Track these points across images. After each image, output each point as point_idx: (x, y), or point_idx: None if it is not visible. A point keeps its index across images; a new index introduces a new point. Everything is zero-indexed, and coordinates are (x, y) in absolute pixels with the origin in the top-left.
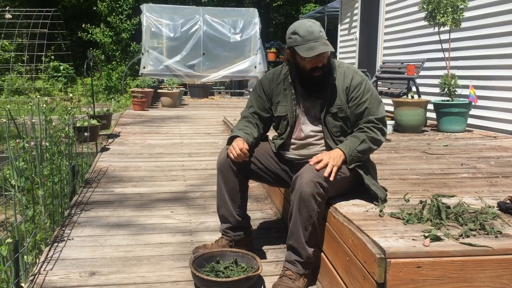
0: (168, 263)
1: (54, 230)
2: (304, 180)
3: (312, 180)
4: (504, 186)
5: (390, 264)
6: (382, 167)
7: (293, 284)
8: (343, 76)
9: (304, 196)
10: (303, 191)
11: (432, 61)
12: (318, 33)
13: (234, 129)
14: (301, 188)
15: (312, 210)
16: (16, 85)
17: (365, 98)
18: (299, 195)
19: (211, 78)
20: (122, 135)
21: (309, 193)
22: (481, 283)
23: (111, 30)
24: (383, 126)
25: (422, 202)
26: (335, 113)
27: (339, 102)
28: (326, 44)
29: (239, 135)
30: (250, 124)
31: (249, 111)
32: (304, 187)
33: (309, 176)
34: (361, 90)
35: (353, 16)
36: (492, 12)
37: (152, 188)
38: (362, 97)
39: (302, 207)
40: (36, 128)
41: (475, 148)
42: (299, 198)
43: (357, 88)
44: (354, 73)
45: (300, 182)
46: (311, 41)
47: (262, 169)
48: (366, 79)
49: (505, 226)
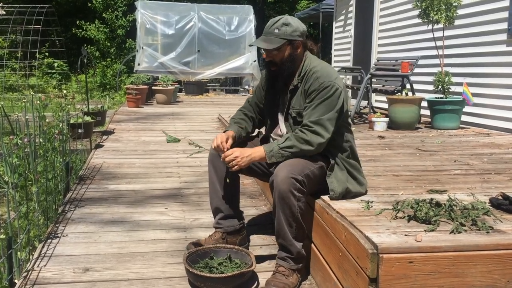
0: (162, 259)
1: (48, 226)
2: (279, 178)
3: (287, 176)
4: (497, 183)
5: (382, 259)
6: (376, 163)
7: (286, 280)
8: (306, 80)
9: (282, 193)
10: (280, 189)
11: (426, 58)
12: (271, 28)
13: (230, 121)
14: (278, 186)
15: (293, 206)
16: (10, 82)
17: (311, 104)
18: (277, 193)
19: (206, 75)
20: (116, 132)
21: (287, 189)
22: (473, 278)
23: (106, 26)
24: (317, 129)
25: (414, 199)
26: (294, 116)
27: (297, 106)
28: (265, 40)
29: (233, 130)
30: (246, 117)
31: (250, 101)
32: (280, 185)
33: (283, 173)
34: (312, 96)
35: (348, 14)
36: (486, 10)
37: (147, 185)
38: (311, 103)
39: (283, 204)
40: (29, 124)
41: (468, 145)
42: (278, 196)
43: (311, 95)
44: (315, 80)
45: (276, 181)
46: (263, 34)
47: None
48: (328, 87)
49: (497, 222)
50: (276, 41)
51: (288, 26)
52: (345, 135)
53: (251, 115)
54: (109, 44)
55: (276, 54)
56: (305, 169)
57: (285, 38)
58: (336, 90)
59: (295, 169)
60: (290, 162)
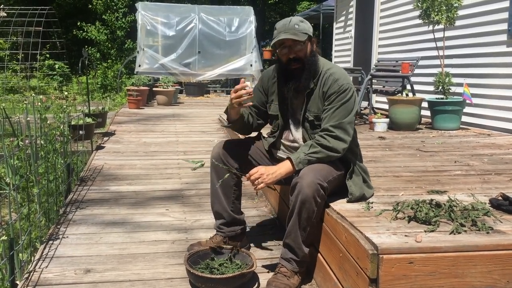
0: (163, 261)
1: (49, 228)
2: (305, 182)
3: (314, 182)
4: (497, 183)
5: (382, 260)
6: (377, 164)
7: (287, 281)
8: (323, 82)
9: (305, 198)
10: (304, 193)
11: (427, 59)
12: (290, 25)
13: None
14: (303, 190)
15: (312, 211)
16: (11, 83)
17: (330, 107)
18: (300, 196)
19: (207, 76)
20: (117, 133)
21: (311, 195)
22: (473, 279)
23: (106, 28)
24: (339, 133)
25: (414, 199)
26: (311, 120)
27: (315, 110)
28: (289, 33)
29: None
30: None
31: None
32: (305, 189)
33: (310, 178)
34: (332, 99)
35: (348, 15)
36: (486, 11)
37: (147, 186)
38: (330, 106)
39: (303, 209)
40: (31, 126)
41: (469, 146)
42: (300, 199)
43: (330, 98)
44: (333, 82)
45: (301, 184)
46: (281, 32)
47: (254, 165)
48: (346, 90)
49: (497, 222)
50: (301, 35)
51: (304, 23)
52: (354, 139)
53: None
54: (109, 45)
55: (300, 50)
56: (329, 175)
57: (306, 33)
58: (353, 92)
59: (321, 174)
60: (315, 166)
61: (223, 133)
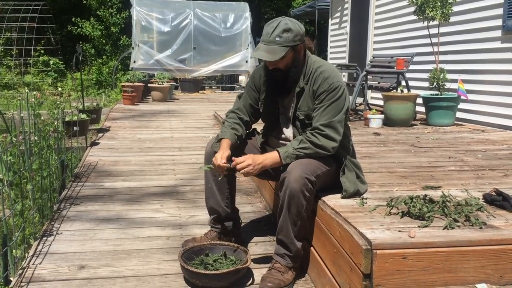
0: (158, 257)
1: (43, 224)
2: (292, 176)
3: (301, 176)
4: (490, 179)
5: (376, 255)
6: (371, 160)
7: (281, 277)
8: (313, 81)
9: (293, 192)
10: (292, 187)
11: (422, 55)
12: (272, 36)
13: (226, 125)
14: (290, 184)
15: (301, 206)
16: (5, 79)
17: (321, 105)
18: (288, 191)
19: (202, 73)
20: (112, 129)
21: (298, 189)
22: (466, 274)
23: (101, 24)
24: (329, 132)
25: (408, 195)
26: (302, 119)
27: (306, 108)
28: (268, 51)
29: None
30: (241, 122)
31: (243, 102)
32: (293, 184)
33: (297, 172)
34: (322, 97)
35: (343, 11)
36: (480, 7)
37: (142, 182)
38: (320, 104)
39: (292, 203)
40: (25, 122)
41: (463, 142)
42: (288, 194)
43: (320, 96)
44: (324, 80)
45: (288, 179)
46: (263, 42)
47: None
48: (337, 88)
49: (490, 218)
50: (280, 50)
51: (289, 32)
52: (346, 135)
53: (246, 119)
54: (104, 41)
55: (280, 62)
56: (318, 169)
57: (287, 45)
58: (344, 90)
59: (309, 169)
60: (303, 161)
61: (218, 129)
